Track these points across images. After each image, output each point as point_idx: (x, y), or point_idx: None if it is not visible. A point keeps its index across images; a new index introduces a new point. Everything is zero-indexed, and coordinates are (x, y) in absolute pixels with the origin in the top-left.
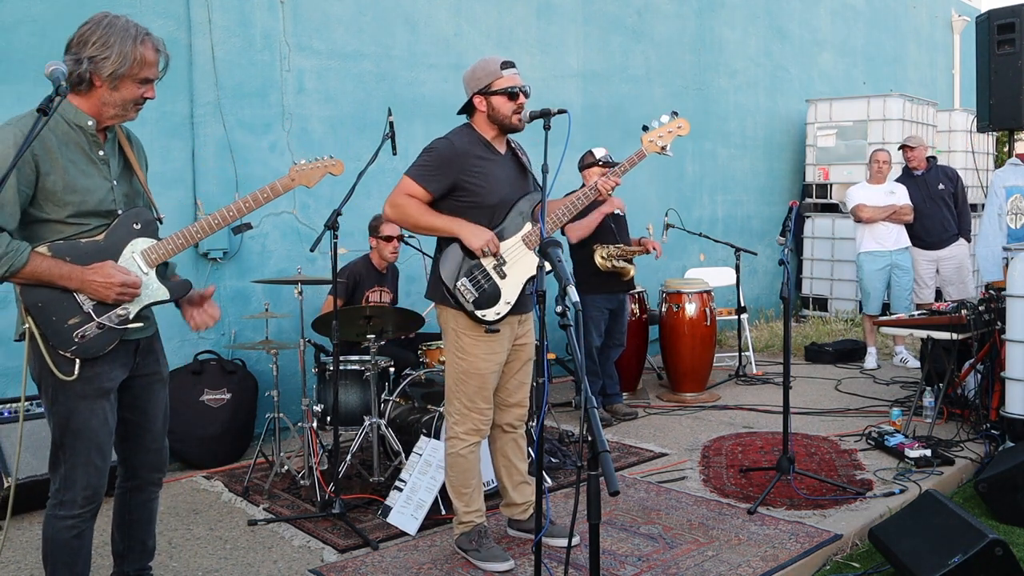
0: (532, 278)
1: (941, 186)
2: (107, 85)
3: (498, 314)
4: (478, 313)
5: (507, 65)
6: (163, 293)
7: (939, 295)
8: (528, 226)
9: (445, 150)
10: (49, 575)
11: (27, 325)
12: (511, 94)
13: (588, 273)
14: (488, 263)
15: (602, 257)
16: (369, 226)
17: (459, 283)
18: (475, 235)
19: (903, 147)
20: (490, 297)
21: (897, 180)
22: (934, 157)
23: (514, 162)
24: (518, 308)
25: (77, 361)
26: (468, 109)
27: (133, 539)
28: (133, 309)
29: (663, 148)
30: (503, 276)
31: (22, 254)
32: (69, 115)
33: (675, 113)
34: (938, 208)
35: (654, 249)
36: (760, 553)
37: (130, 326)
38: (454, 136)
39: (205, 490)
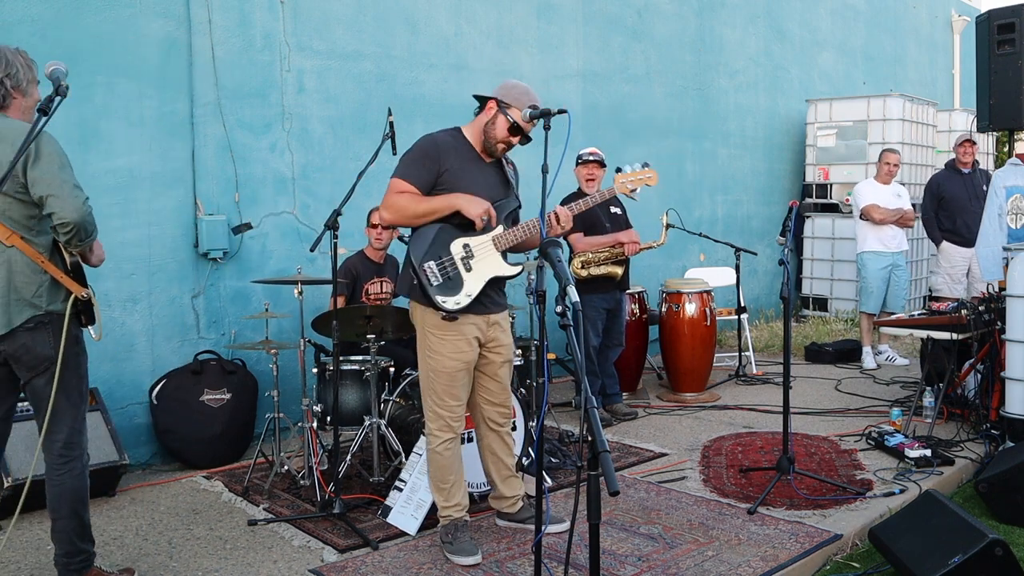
0: (501, 279)
1: (985, 187)
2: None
3: (457, 304)
4: (438, 298)
5: (535, 110)
6: None
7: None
8: (499, 228)
9: (426, 144)
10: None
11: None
12: (514, 128)
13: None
14: (457, 253)
15: (575, 268)
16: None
17: (426, 264)
18: (473, 203)
19: (967, 142)
20: (453, 286)
21: (940, 174)
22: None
23: (497, 171)
24: (482, 308)
25: None
26: (479, 103)
27: None
28: None
29: (632, 192)
30: (468, 269)
31: None
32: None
33: (647, 164)
34: (981, 208)
35: (623, 245)
36: (760, 553)
37: None
38: (438, 133)
39: (205, 490)
